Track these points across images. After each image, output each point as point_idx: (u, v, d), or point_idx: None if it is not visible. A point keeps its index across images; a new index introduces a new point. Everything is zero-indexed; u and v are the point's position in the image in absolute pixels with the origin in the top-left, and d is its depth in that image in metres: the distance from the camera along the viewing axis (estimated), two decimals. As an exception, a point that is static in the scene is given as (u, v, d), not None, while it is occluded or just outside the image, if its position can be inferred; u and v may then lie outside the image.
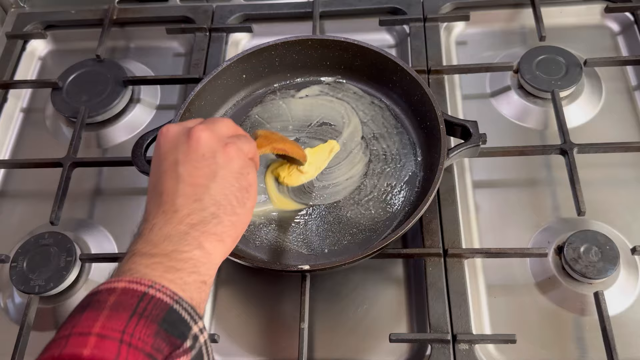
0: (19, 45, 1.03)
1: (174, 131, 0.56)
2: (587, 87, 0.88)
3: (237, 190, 0.55)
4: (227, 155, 0.55)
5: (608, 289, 0.71)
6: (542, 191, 0.81)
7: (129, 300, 0.43)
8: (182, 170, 0.53)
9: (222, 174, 0.54)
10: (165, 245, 0.49)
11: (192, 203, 0.52)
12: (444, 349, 0.69)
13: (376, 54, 0.82)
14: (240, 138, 0.58)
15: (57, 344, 0.41)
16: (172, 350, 0.43)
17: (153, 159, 0.58)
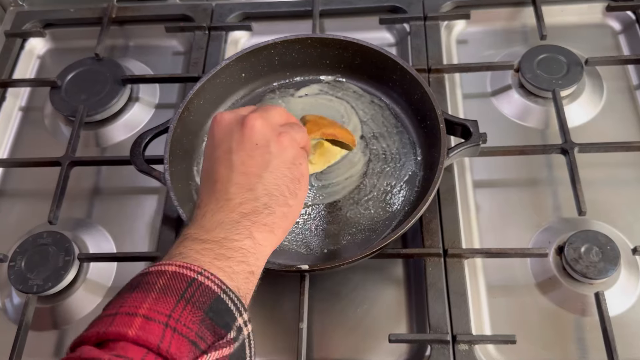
0: (17, 43, 1.02)
1: (228, 119, 0.56)
2: (588, 86, 0.88)
3: (289, 180, 0.54)
4: (281, 145, 0.55)
5: (609, 290, 0.71)
6: (543, 191, 0.81)
7: (177, 284, 0.44)
8: (236, 159, 0.53)
9: (276, 163, 0.54)
10: (217, 232, 0.49)
11: (245, 192, 0.52)
12: (443, 349, 0.68)
13: (376, 52, 0.81)
14: (293, 127, 0.58)
15: (104, 321, 0.42)
16: (215, 340, 0.43)
17: (206, 146, 0.58)
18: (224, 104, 0.85)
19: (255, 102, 0.87)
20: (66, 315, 0.77)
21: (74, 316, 0.77)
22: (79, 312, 0.77)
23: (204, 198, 0.53)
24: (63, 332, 0.76)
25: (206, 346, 0.42)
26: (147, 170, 0.75)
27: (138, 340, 0.40)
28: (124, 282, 0.76)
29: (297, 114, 0.84)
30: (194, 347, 0.41)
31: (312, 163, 0.76)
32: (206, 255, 0.47)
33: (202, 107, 0.81)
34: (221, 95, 0.84)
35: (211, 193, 0.53)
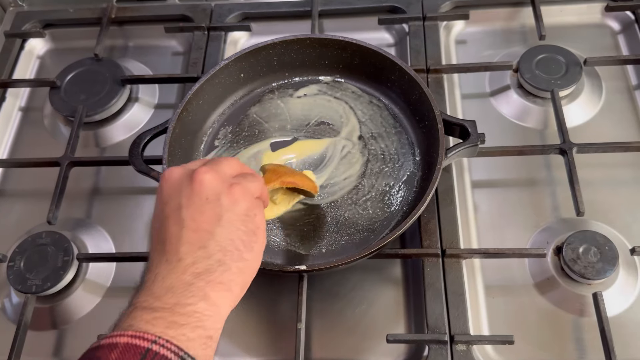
0: (17, 44, 1.03)
1: (177, 174, 0.54)
2: (587, 87, 0.88)
3: (243, 234, 0.52)
4: (232, 197, 0.52)
5: (607, 290, 0.71)
6: (541, 191, 0.81)
7: (130, 357, 0.42)
8: (186, 215, 0.50)
9: (228, 217, 0.51)
10: (168, 297, 0.46)
11: (196, 250, 0.49)
12: (441, 349, 0.68)
13: (375, 53, 0.81)
14: (246, 177, 0.55)
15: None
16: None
17: (155, 204, 0.54)
18: (223, 104, 0.86)
19: (254, 102, 0.87)
20: (65, 315, 0.77)
21: (72, 316, 0.77)
22: (77, 312, 0.77)
23: (154, 260, 0.50)
24: (62, 332, 0.76)
25: None
26: (146, 170, 0.75)
27: None
28: (123, 282, 0.78)
29: (296, 114, 0.85)
30: None
31: (275, 204, 0.73)
32: (157, 325, 0.44)
33: (201, 107, 0.81)
34: (220, 95, 0.85)
35: (161, 254, 0.50)
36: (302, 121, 0.84)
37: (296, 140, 0.83)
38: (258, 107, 0.86)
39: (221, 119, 0.85)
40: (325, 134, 0.83)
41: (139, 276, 0.78)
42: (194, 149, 0.82)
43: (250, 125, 0.84)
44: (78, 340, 0.76)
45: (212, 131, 0.84)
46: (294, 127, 0.84)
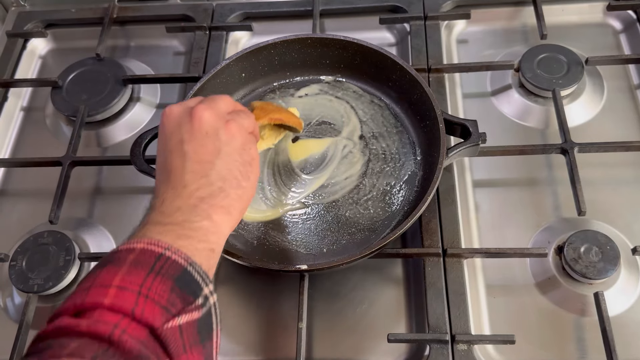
0: (19, 44, 1.03)
1: (177, 111, 0.59)
2: (588, 86, 0.88)
3: (240, 164, 0.58)
4: (229, 132, 0.58)
5: (608, 290, 0.71)
6: (543, 191, 0.81)
7: (147, 259, 0.46)
8: (188, 149, 0.56)
9: (226, 150, 0.57)
10: (177, 216, 0.52)
11: (199, 179, 0.55)
12: (442, 349, 0.68)
13: (376, 52, 0.81)
14: (239, 114, 0.61)
15: (79, 294, 0.44)
16: (184, 305, 0.46)
17: (159, 139, 0.60)
18: (224, 104, 0.86)
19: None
20: (67, 315, 0.77)
21: (74, 315, 0.77)
22: (79, 312, 0.77)
23: (161, 187, 0.56)
24: (64, 332, 0.76)
25: (176, 311, 0.45)
26: (147, 170, 0.76)
27: (113, 307, 0.43)
28: None
29: (297, 114, 0.84)
30: (165, 311, 0.44)
31: (263, 139, 0.77)
32: (168, 235, 0.50)
33: (202, 107, 0.81)
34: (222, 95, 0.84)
35: (167, 182, 0.55)
36: (304, 121, 0.84)
37: (298, 139, 0.83)
38: (259, 106, 0.86)
39: (222, 119, 0.85)
40: (326, 133, 0.83)
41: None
42: (195, 149, 0.82)
43: (252, 124, 0.84)
44: (80, 340, 0.76)
45: (214, 131, 0.84)
46: (295, 126, 0.84)
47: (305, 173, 0.80)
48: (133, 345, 0.41)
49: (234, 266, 0.74)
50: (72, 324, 0.42)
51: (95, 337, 0.41)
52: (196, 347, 0.46)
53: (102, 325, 0.42)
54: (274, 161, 0.81)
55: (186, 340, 0.45)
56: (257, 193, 0.78)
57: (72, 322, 0.42)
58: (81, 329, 0.41)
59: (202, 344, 0.46)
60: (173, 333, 0.44)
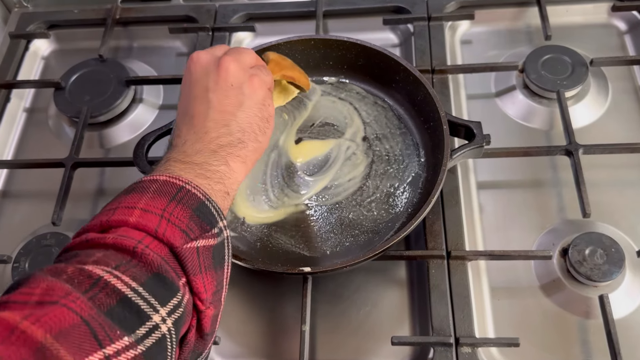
0: (22, 45, 1.03)
1: (205, 59, 0.61)
2: (593, 87, 0.87)
3: (259, 119, 0.60)
4: (252, 87, 0.60)
5: (613, 292, 0.70)
6: (547, 192, 0.80)
7: (169, 189, 0.50)
8: (212, 97, 0.58)
9: (248, 104, 0.59)
10: (197, 157, 0.55)
11: (220, 127, 0.57)
12: (446, 352, 0.68)
13: (379, 53, 0.81)
14: (261, 69, 0.63)
15: (105, 213, 0.48)
16: (202, 232, 0.49)
17: (183, 83, 0.62)
18: (227, 105, 0.85)
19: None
20: (69, 317, 0.77)
21: (77, 317, 0.77)
22: (82, 313, 0.77)
23: (183, 129, 0.58)
24: (66, 333, 0.76)
25: (194, 235, 0.48)
26: (150, 171, 0.75)
27: (138, 226, 0.46)
28: None
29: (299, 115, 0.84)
30: (184, 234, 0.47)
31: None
32: (189, 172, 0.53)
33: (205, 108, 0.81)
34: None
35: (190, 126, 0.58)
36: (307, 122, 0.84)
37: (301, 140, 0.82)
38: (262, 108, 0.86)
39: (225, 120, 0.85)
40: (329, 134, 0.83)
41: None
42: (198, 150, 0.82)
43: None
44: (82, 342, 0.76)
45: (217, 132, 0.84)
46: (299, 128, 0.84)
47: (308, 175, 0.79)
48: (154, 259, 0.44)
49: (237, 268, 0.73)
50: (98, 237, 0.45)
51: (119, 249, 0.44)
52: (210, 271, 0.48)
53: (127, 240, 0.44)
54: (277, 163, 0.80)
55: (202, 262, 0.48)
56: (260, 195, 0.78)
57: (98, 235, 0.45)
58: (107, 241, 0.44)
59: (214, 269, 0.49)
60: (191, 253, 0.47)
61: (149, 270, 0.43)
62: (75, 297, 0.38)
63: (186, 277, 0.46)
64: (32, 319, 0.36)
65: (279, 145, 0.82)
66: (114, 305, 0.40)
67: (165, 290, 0.44)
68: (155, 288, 0.43)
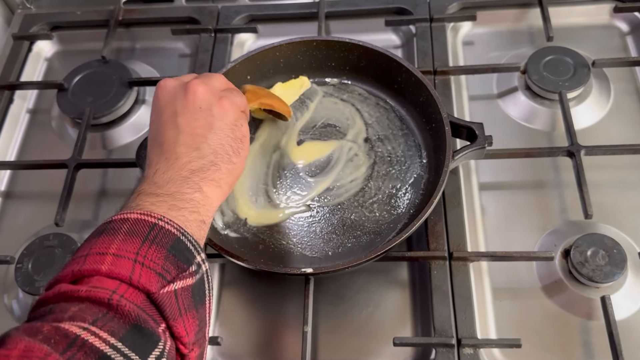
0: (25, 46, 1.03)
1: (172, 85, 0.60)
2: (595, 88, 0.87)
3: (232, 140, 0.59)
4: (222, 108, 0.59)
5: (615, 293, 0.70)
6: (549, 194, 0.80)
7: (140, 228, 0.48)
8: (181, 121, 0.57)
9: (219, 125, 0.58)
10: (169, 187, 0.53)
11: (192, 151, 0.56)
12: (448, 353, 0.68)
13: (381, 55, 0.81)
14: (232, 92, 0.62)
15: (76, 262, 0.46)
16: (179, 272, 0.47)
17: (152, 110, 0.61)
18: (230, 107, 0.85)
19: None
20: (72, 317, 0.77)
21: (80, 318, 0.77)
22: (85, 314, 0.77)
23: (154, 159, 0.57)
24: (69, 334, 0.77)
25: (171, 277, 0.46)
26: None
27: (111, 274, 0.44)
28: None
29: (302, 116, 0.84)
30: (161, 278, 0.46)
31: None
32: (161, 206, 0.51)
33: (207, 109, 0.81)
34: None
35: (160, 154, 0.57)
36: (309, 123, 0.84)
37: (303, 142, 0.82)
38: (264, 109, 0.86)
39: (228, 121, 0.85)
40: (331, 136, 0.83)
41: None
42: (200, 151, 0.82)
43: (257, 126, 0.84)
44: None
45: (219, 133, 0.84)
46: (301, 129, 0.84)
47: (310, 176, 0.79)
48: (131, 309, 0.43)
49: (239, 269, 0.74)
50: (71, 290, 0.43)
51: (94, 301, 0.42)
52: (190, 312, 0.47)
53: (100, 291, 0.43)
54: (279, 164, 0.81)
55: (181, 304, 0.46)
56: (262, 196, 0.78)
57: (71, 287, 0.44)
58: (81, 294, 0.43)
59: (195, 308, 0.48)
60: (169, 297, 0.45)
61: (126, 323, 0.42)
62: (53, 359, 0.37)
63: (166, 322, 0.45)
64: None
65: (281, 146, 0.82)
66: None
67: (145, 342, 0.42)
68: (135, 341, 0.42)
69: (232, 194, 0.78)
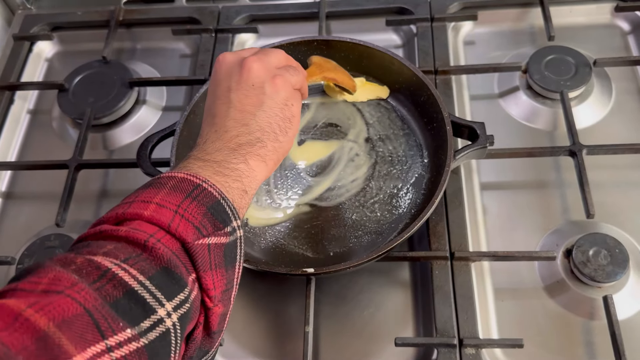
0: (25, 46, 1.03)
1: (229, 60, 0.62)
2: (596, 88, 0.87)
3: (280, 119, 0.60)
4: (274, 87, 0.60)
5: (617, 293, 0.70)
6: (551, 193, 0.80)
7: (185, 186, 0.50)
8: (234, 97, 0.59)
9: (269, 104, 0.60)
10: (216, 155, 0.56)
11: (240, 127, 0.58)
12: (450, 353, 0.68)
13: (382, 54, 0.81)
14: (289, 69, 0.64)
15: (122, 206, 0.48)
16: (215, 230, 0.49)
17: (210, 83, 0.64)
18: (230, 107, 0.85)
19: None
20: (73, 318, 0.77)
21: (81, 319, 0.77)
22: (86, 315, 0.77)
23: (205, 129, 0.60)
24: (70, 335, 0.76)
25: (207, 232, 0.48)
26: (154, 173, 0.75)
27: (152, 220, 0.46)
28: None
29: (303, 116, 0.84)
30: (197, 231, 0.47)
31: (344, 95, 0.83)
32: (207, 170, 0.53)
33: (208, 109, 0.81)
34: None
35: (211, 125, 0.59)
36: (310, 123, 0.84)
37: (304, 142, 0.82)
38: (265, 109, 0.86)
39: (229, 121, 0.85)
40: (332, 135, 0.83)
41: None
42: (201, 152, 0.82)
43: (258, 127, 0.84)
44: (86, 343, 0.76)
45: (220, 133, 0.84)
46: (302, 129, 0.84)
47: (311, 176, 0.79)
48: (165, 253, 0.44)
49: (241, 269, 0.73)
50: (112, 229, 0.46)
51: (131, 242, 0.44)
52: (220, 269, 0.49)
53: (139, 233, 0.45)
54: (280, 164, 0.80)
55: (213, 259, 0.48)
56: (263, 196, 0.78)
57: (112, 227, 0.46)
58: (120, 233, 0.45)
59: (225, 267, 0.49)
60: (202, 249, 0.47)
61: (157, 264, 0.44)
62: (80, 288, 0.39)
63: (196, 273, 0.47)
64: (36, 307, 0.36)
65: None
66: (120, 297, 0.40)
67: (172, 285, 0.44)
68: (163, 282, 0.43)
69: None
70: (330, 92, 0.85)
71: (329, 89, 0.85)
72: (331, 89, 0.85)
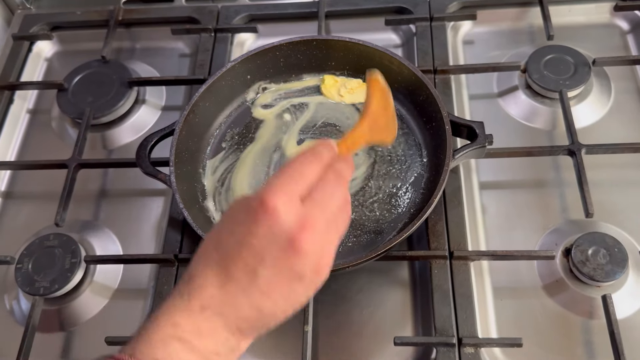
0: (25, 46, 1.03)
1: (283, 220, 0.44)
2: (595, 87, 0.87)
3: (299, 305, 0.50)
4: (319, 275, 0.49)
5: (616, 292, 0.70)
6: (550, 192, 0.80)
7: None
8: (262, 273, 0.44)
9: (299, 292, 0.48)
10: (209, 342, 0.45)
11: (251, 310, 0.46)
12: (449, 352, 0.68)
13: (381, 54, 0.81)
14: (343, 221, 0.51)
15: None
16: None
17: (233, 221, 0.46)
18: (230, 106, 0.85)
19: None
20: (73, 317, 0.77)
21: (80, 318, 0.77)
22: (85, 314, 0.77)
23: (208, 277, 0.45)
24: (70, 334, 0.77)
25: None
26: (153, 172, 0.76)
27: None
28: (130, 284, 0.78)
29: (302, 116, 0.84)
30: None
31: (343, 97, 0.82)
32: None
33: (208, 109, 0.81)
34: (227, 97, 0.84)
35: (217, 286, 0.45)
36: (309, 122, 0.84)
37: (303, 141, 0.82)
38: (265, 108, 0.86)
39: (228, 121, 0.85)
40: (331, 135, 0.83)
41: (146, 278, 0.79)
42: (200, 151, 0.82)
43: (257, 127, 0.84)
44: (86, 342, 0.76)
45: (219, 133, 0.84)
46: (301, 128, 0.84)
47: (311, 175, 0.79)
48: None
49: (240, 269, 0.73)
50: None
51: None
52: None
53: None
54: (279, 164, 0.80)
55: None
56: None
57: None
58: None
59: None
60: None
61: None
62: None
63: None
64: None
65: (281, 146, 0.82)
66: None
67: None
68: None
69: (232, 194, 0.78)
70: (327, 93, 0.85)
71: (327, 90, 0.85)
72: (328, 90, 0.85)
